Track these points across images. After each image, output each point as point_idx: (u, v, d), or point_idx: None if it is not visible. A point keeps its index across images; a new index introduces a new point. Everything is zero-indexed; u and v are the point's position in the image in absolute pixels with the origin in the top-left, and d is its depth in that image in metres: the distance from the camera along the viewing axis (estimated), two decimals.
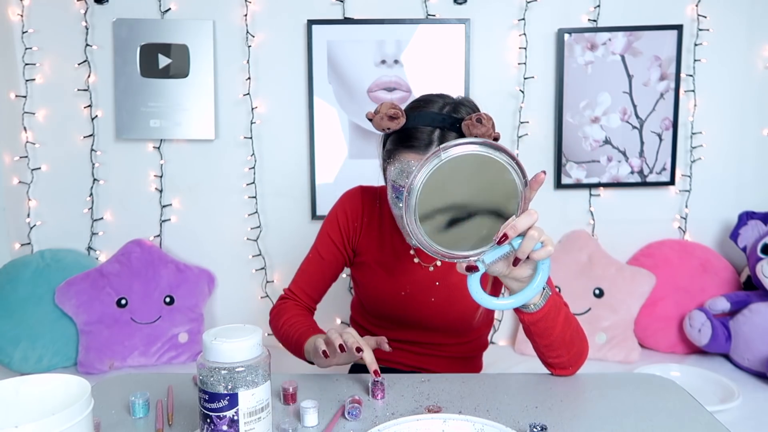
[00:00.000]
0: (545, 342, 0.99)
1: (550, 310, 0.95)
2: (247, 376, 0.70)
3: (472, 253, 0.84)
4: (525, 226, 0.80)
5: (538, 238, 0.81)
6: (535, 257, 0.83)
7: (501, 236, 0.80)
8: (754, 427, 1.48)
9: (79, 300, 1.91)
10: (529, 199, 0.82)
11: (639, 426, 0.83)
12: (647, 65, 2.03)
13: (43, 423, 0.61)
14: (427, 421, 0.79)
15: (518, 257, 0.83)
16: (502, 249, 0.83)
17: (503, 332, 2.15)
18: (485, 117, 0.99)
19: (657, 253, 2.07)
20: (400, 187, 1.04)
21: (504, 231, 0.80)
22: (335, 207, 1.25)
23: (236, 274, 2.14)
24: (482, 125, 0.99)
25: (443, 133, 1.02)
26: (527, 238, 0.81)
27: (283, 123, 2.10)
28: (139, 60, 2.04)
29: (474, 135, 0.99)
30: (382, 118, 1.03)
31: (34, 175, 2.11)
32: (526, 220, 0.80)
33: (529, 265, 0.86)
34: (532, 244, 0.81)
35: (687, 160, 2.10)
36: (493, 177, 0.81)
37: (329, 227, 1.24)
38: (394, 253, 1.20)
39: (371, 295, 1.23)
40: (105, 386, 1.00)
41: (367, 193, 1.25)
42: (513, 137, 2.09)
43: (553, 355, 1.00)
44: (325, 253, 1.24)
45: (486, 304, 0.87)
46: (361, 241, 1.23)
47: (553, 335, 0.97)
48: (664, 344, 1.98)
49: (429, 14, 2.04)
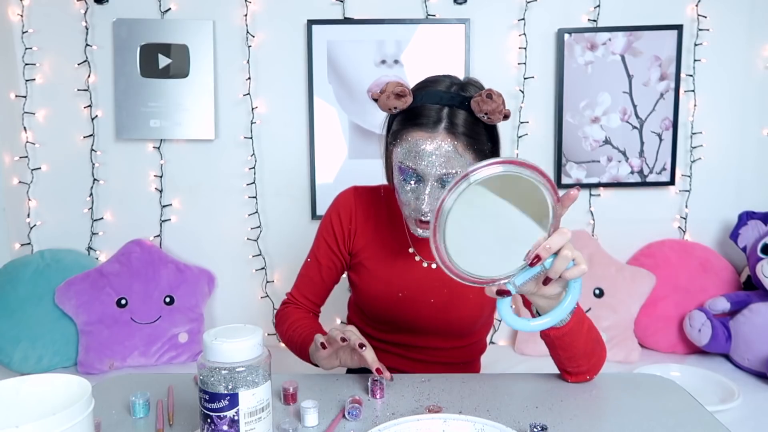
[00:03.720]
0: (568, 354, 0.96)
1: (576, 323, 0.93)
2: (248, 376, 0.70)
3: (502, 276, 0.79)
4: (558, 245, 0.77)
5: (570, 258, 0.78)
6: (567, 276, 0.79)
7: (533, 258, 0.77)
8: (754, 427, 1.48)
9: (79, 300, 1.91)
10: (560, 216, 0.79)
11: (639, 426, 0.83)
12: (647, 65, 2.03)
13: (43, 423, 0.60)
14: (427, 421, 0.79)
15: (550, 277, 0.80)
16: (534, 270, 0.79)
17: (503, 332, 2.15)
18: (495, 93, 0.96)
19: (657, 253, 2.07)
20: (408, 168, 1.00)
21: (537, 252, 0.77)
22: (329, 211, 1.23)
23: (236, 274, 2.14)
24: (492, 101, 0.96)
25: (452, 111, 0.99)
26: (560, 258, 0.78)
27: (283, 123, 2.10)
28: (139, 60, 2.04)
29: (484, 112, 0.97)
30: (389, 96, 1.00)
31: (34, 175, 2.11)
32: (559, 239, 0.77)
33: (559, 282, 0.83)
34: (565, 264, 0.78)
35: (687, 160, 2.10)
36: (524, 196, 0.76)
37: (324, 231, 1.22)
38: (393, 250, 1.18)
39: (368, 297, 1.20)
40: (105, 386, 1.00)
41: (360, 194, 1.23)
42: (513, 137, 2.09)
43: (574, 365, 0.98)
44: (322, 257, 1.22)
45: (520, 327, 0.84)
46: (356, 243, 1.20)
47: (577, 348, 0.95)
48: (664, 344, 1.98)
49: (429, 14, 2.04)
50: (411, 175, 1.01)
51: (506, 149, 2.10)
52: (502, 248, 0.79)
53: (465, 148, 0.98)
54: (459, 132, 0.98)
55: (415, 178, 1.01)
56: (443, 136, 0.97)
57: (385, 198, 1.21)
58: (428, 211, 1.00)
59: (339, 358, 1.01)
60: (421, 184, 1.00)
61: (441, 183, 1.00)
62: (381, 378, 0.93)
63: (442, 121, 0.98)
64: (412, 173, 1.00)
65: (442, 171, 0.98)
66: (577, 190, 0.78)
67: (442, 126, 0.98)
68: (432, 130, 0.98)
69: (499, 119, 0.99)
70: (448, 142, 0.97)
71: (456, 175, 0.92)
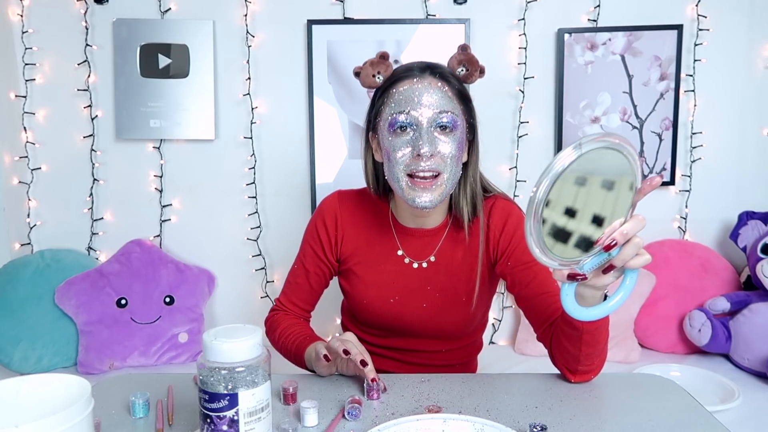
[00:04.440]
0: (590, 350, 0.93)
1: (604, 321, 0.91)
2: (248, 376, 0.70)
3: (570, 260, 0.76)
4: (634, 231, 0.74)
5: (641, 246, 0.75)
6: (633, 265, 0.76)
7: (611, 243, 0.73)
8: (754, 427, 1.48)
9: (79, 300, 1.91)
10: (636, 203, 0.75)
11: (639, 426, 0.83)
12: (647, 65, 2.03)
13: (43, 423, 0.60)
14: (427, 421, 0.79)
15: (614, 264, 0.76)
16: (604, 255, 0.76)
17: (503, 332, 2.15)
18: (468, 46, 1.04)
19: (657, 253, 2.07)
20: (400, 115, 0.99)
21: (613, 236, 0.73)
22: (313, 218, 1.20)
23: (236, 274, 2.14)
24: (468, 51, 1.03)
25: (434, 66, 1.04)
26: (630, 245, 0.74)
27: (283, 123, 2.10)
28: (139, 60, 2.04)
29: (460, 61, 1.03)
30: (372, 63, 1.03)
31: (34, 175, 2.11)
32: (637, 225, 0.74)
33: (618, 271, 0.79)
34: (634, 252, 0.74)
35: (687, 160, 2.10)
36: (615, 177, 0.72)
37: (310, 239, 1.20)
38: (382, 255, 1.15)
39: (360, 304, 1.18)
40: (105, 386, 1.00)
41: (345, 198, 1.20)
42: (513, 137, 2.09)
43: (588, 362, 0.95)
44: (309, 264, 1.20)
45: (580, 316, 0.81)
46: (344, 250, 1.18)
47: (600, 343, 0.94)
48: (664, 344, 1.98)
49: (429, 14, 2.04)
50: (404, 125, 1.01)
51: (506, 149, 2.10)
52: (576, 230, 0.74)
53: (453, 93, 1.02)
54: (445, 77, 1.02)
55: (408, 126, 1.01)
56: (431, 79, 1.01)
57: (371, 201, 1.19)
58: (428, 153, 0.98)
59: (336, 365, 1.00)
60: (415, 132, 1.00)
61: (437, 126, 1.00)
62: (377, 386, 0.93)
63: (426, 69, 1.03)
64: (406, 122, 1.00)
65: (437, 110, 0.99)
66: (660, 176, 0.75)
67: (428, 72, 1.02)
68: (419, 75, 1.02)
69: (475, 72, 1.04)
70: (438, 85, 1.01)
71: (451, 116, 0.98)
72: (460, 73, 1.04)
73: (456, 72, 1.05)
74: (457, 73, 1.05)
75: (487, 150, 2.31)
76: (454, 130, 1.01)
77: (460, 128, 1.03)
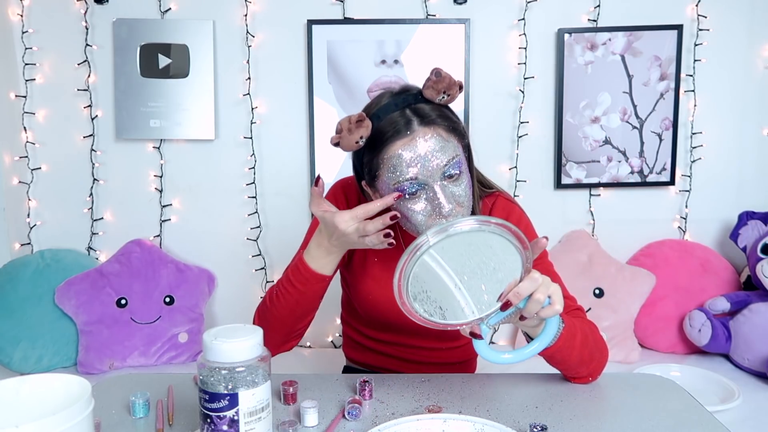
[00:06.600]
0: (563, 367, 0.98)
1: (565, 341, 0.92)
2: (248, 376, 0.70)
3: (474, 319, 0.82)
4: (528, 291, 0.79)
5: (542, 301, 0.80)
6: (542, 316, 0.82)
7: (504, 303, 0.80)
8: (754, 427, 1.48)
9: (79, 300, 1.91)
10: (530, 260, 0.80)
11: (639, 426, 0.83)
12: (647, 65, 2.03)
13: (43, 423, 0.60)
14: (427, 421, 0.79)
15: (524, 316, 0.83)
16: (507, 312, 0.81)
17: (503, 332, 2.15)
18: (441, 70, 0.93)
19: (657, 253, 2.07)
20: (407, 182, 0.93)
21: (507, 299, 0.80)
22: None
23: (236, 274, 2.14)
24: (443, 77, 0.93)
25: (413, 108, 0.94)
26: (532, 302, 0.80)
27: (283, 123, 2.10)
28: (139, 60, 2.04)
29: (440, 91, 0.93)
30: (350, 129, 0.93)
31: (34, 175, 2.11)
32: (529, 285, 0.79)
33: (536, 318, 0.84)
34: (538, 307, 0.80)
35: (687, 160, 2.10)
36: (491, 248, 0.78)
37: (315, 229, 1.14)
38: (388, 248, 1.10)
39: (365, 299, 1.16)
40: (105, 386, 1.00)
41: (349, 187, 1.18)
42: (513, 137, 2.09)
43: (572, 373, 0.99)
44: None
45: (503, 362, 0.85)
46: None
47: (571, 361, 0.96)
48: (664, 344, 1.98)
49: (429, 14, 2.04)
50: (413, 188, 0.93)
51: (506, 149, 2.10)
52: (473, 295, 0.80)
53: (447, 132, 0.94)
54: (433, 120, 0.94)
55: (419, 189, 0.93)
56: (422, 131, 0.92)
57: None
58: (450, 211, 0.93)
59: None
60: (427, 191, 0.93)
61: (446, 177, 0.93)
62: (370, 379, 0.93)
63: (412, 120, 0.93)
64: (414, 185, 0.92)
65: (443, 162, 0.92)
66: (545, 239, 0.81)
67: (415, 123, 0.93)
68: (409, 132, 0.92)
69: (456, 93, 0.95)
70: (430, 133, 0.92)
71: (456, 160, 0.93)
72: (441, 101, 0.95)
73: (437, 101, 0.95)
74: (438, 101, 0.95)
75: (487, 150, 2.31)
76: (461, 170, 0.95)
77: (464, 163, 0.97)
